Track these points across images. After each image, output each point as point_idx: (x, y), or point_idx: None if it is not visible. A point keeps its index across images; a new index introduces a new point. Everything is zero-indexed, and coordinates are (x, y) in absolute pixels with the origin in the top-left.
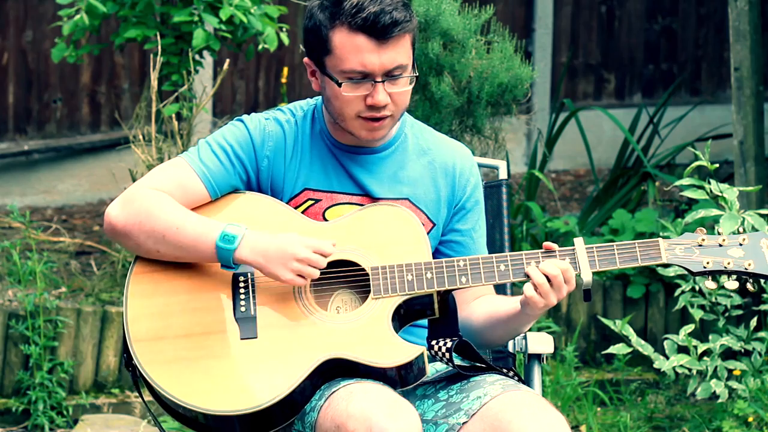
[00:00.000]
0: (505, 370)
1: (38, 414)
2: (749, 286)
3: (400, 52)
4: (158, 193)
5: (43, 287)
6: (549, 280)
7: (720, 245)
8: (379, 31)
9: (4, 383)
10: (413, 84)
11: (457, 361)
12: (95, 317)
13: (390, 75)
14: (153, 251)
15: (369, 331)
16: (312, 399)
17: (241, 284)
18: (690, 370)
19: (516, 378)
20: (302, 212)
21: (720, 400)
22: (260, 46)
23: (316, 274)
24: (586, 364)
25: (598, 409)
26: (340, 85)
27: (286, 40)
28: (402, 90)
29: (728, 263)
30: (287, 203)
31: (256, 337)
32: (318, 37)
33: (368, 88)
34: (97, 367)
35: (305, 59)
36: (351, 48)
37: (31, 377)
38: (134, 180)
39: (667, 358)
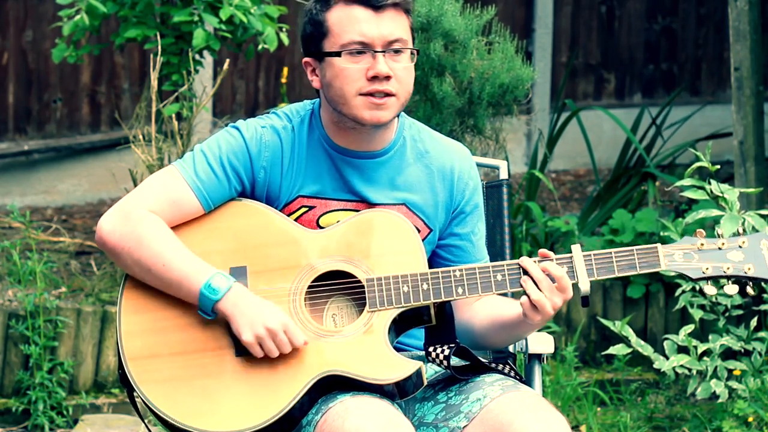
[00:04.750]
0: (501, 366)
1: (38, 414)
2: (749, 289)
3: (398, 26)
4: (152, 219)
5: (43, 287)
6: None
7: (719, 249)
8: None
9: (4, 383)
10: (414, 63)
11: (454, 361)
12: (95, 317)
13: (390, 47)
14: (138, 277)
15: (365, 347)
16: (309, 412)
17: None
18: (690, 370)
19: (513, 374)
20: (296, 219)
21: (720, 400)
22: (260, 46)
23: (275, 352)
24: (586, 364)
25: (598, 409)
26: (340, 54)
27: (286, 40)
28: (404, 66)
29: (728, 268)
30: (281, 210)
31: (251, 354)
32: (315, 25)
33: (369, 60)
34: (97, 367)
35: (303, 60)
36: (348, 20)
37: (31, 377)
38: (134, 180)
39: (667, 358)
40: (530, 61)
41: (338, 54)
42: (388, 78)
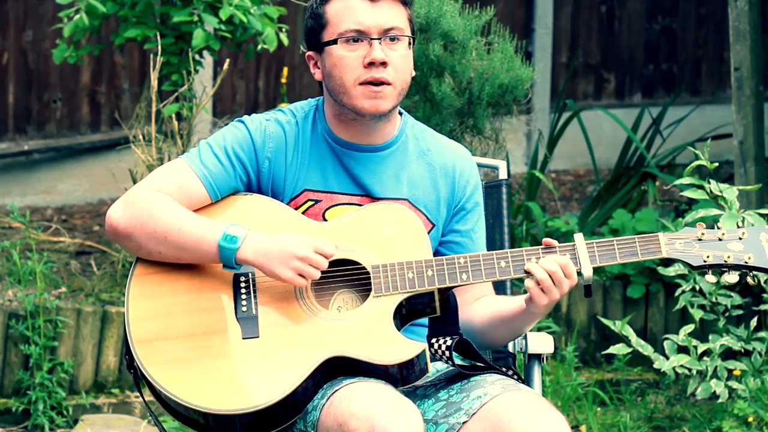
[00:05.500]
0: (504, 369)
1: (38, 414)
2: (749, 279)
3: (394, 15)
4: (159, 195)
5: (43, 287)
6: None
7: (720, 239)
8: None
9: (4, 383)
10: (412, 52)
11: (457, 361)
12: (95, 317)
13: (386, 34)
14: (155, 252)
15: (371, 329)
16: (314, 398)
17: (242, 284)
18: (690, 370)
19: (516, 377)
20: (302, 213)
21: (720, 400)
22: (260, 47)
23: (317, 274)
24: (586, 364)
25: (598, 409)
26: (336, 42)
27: (285, 41)
28: (400, 54)
29: (728, 257)
30: (287, 204)
31: (258, 337)
32: (315, 17)
33: (365, 48)
34: (97, 367)
35: (306, 54)
36: (345, 10)
37: (31, 377)
38: (134, 180)
39: (667, 358)
40: (530, 61)
41: (335, 42)
42: (384, 65)
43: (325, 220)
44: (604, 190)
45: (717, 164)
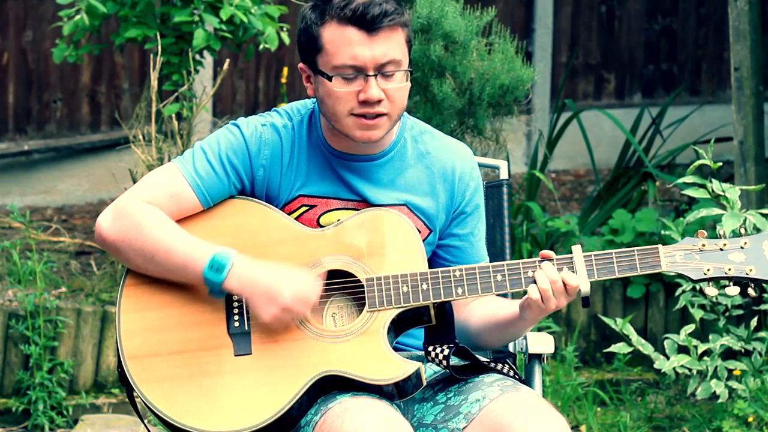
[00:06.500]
0: (500, 366)
1: (38, 414)
2: (750, 291)
3: (392, 46)
4: (150, 209)
5: (43, 287)
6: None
7: (721, 249)
8: (369, 22)
9: (4, 383)
10: (409, 81)
11: (454, 361)
12: (95, 317)
13: (383, 70)
14: (142, 268)
15: (364, 347)
16: (308, 412)
17: (235, 299)
18: (690, 370)
19: (512, 373)
20: (297, 218)
21: (720, 400)
22: (261, 46)
23: (295, 322)
24: (586, 364)
25: (598, 409)
26: (331, 79)
27: (286, 40)
28: (397, 86)
29: (729, 269)
30: (282, 209)
31: (250, 354)
32: (309, 37)
33: (360, 83)
34: (97, 367)
35: (300, 65)
36: (341, 42)
37: (31, 377)
38: (134, 180)
39: (668, 358)
40: (530, 61)
41: (330, 78)
42: (379, 102)
43: (319, 225)
44: (604, 190)
45: (720, 164)
